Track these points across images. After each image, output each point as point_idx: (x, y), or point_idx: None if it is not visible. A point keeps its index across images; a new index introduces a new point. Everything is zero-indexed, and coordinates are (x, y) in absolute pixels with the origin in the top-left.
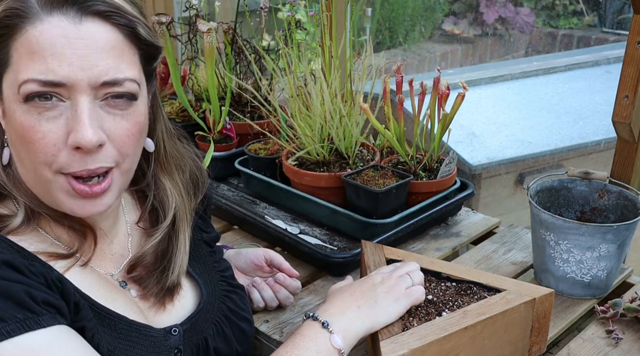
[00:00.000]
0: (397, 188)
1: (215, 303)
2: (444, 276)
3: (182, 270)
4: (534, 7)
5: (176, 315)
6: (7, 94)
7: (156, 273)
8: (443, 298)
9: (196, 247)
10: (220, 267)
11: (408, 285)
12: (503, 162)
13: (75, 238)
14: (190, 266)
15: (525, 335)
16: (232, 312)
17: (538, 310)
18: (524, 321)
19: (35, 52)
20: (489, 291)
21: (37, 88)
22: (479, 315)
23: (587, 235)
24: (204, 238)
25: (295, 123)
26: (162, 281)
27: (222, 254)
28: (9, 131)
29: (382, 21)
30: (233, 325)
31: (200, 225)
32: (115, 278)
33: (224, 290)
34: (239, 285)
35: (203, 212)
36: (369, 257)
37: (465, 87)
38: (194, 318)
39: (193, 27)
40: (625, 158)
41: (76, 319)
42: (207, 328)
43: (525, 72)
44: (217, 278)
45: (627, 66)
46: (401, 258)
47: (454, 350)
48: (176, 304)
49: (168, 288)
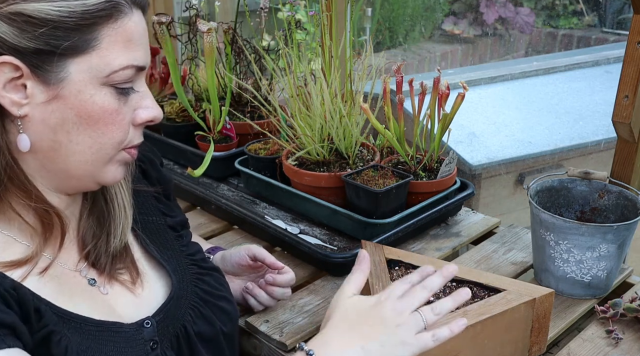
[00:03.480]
0: (397, 188)
1: (188, 288)
2: None
3: (126, 229)
4: (534, 7)
5: (149, 306)
6: (77, 78)
7: (101, 243)
8: None
9: (160, 232)
10: (189, 250)
11: (419, 329)
12: (503, 162)
13: (40, 230)
14: (157, 253)
15: (526, 334)
16: (207, 294)
17: (538, 310)
18: (524, 321)
19: (131, 41)
20: (489, 291)
21: (132, 73)
22: (479, 315)
23: (587, 235)
24: (167, 222)
25: (295, 123)
26: (110, 249)
27: (190, 237)
28: (67, 115)
29: (382, 21)
30: (211, 305)
31: (163, 210)
32: (84, 274)
33: (195, 273)
34: (213, 267)
35: (163, 196)
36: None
37: (465, 87)
38: (166, 308)
39: (193, 27)
40: (625, 158)
41: (40, 326)
42: (184, 315)
43: (525, 72)
44: (187, 262)
45: (627, 66)
46: (401, 258)
47: (454, 350)
48: (147, 294)
49: (120, 254)
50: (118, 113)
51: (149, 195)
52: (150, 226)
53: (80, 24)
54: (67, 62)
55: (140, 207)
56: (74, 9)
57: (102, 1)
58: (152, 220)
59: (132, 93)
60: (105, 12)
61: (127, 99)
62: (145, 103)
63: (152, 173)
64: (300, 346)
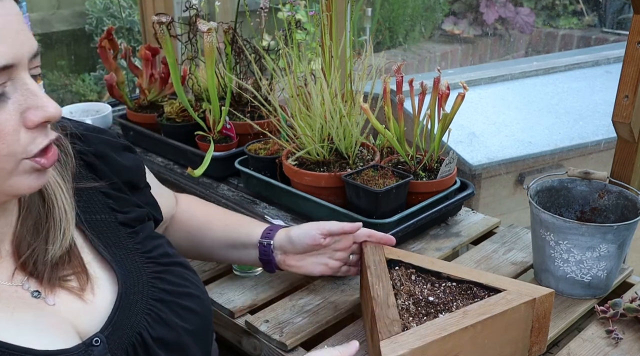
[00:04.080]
0: (397, 188)
1: (143, 291)
2: (444, 276)
3: (67, 233)
4: (534, 7)
5: (104, 311)
6: None
7: (38, 250)
8: (444, 299)
9: (111, 231)
10: (145, 247)
11: None
12: (503, 162)
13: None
14: (108, 254)
15: (526, 334)
16: (168, 293)
17: (538, 310)
18: (524, 321)
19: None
20: (489, 291)
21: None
22: (479, 315)
23: (587, 235)
24: (119, 219)
25: (295, 123)
26: (48, 255)
27: (149, 230)
28: None
29: (382, 21)
30: (172, 305)
31: (112, 205)
32: (26, 287)
33: (153, 271)
34: (175, 262)
35: (113, 189)
36: (369, 257)
37: (465, 87)
38: (114, 320)
39: (193, 27)
40: (625, 158)
41: None
42: (139, 321)
43: (525, 72)
44: (142, 262)
45: (627, 66)
46: (401, 258)
47: (454, 350)
48: (99, 300)
49: (62, 259)
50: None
51: (95, 191)
52: (98, 225)
53: None
54: None
55: (85, 205)
56: None
57: None
58: (99, 218)
59: (8, 97)
60: None
61: (5, 106)
62: (35, 102)
63: (104, 167)
64: None
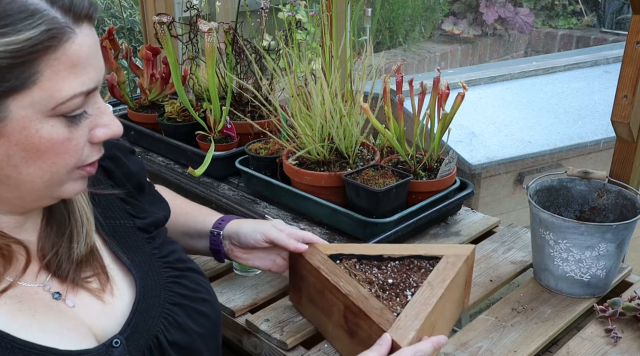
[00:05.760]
0: (397, 187)
1: (160, 295)
2: (386, 257)
3: (90, 232)
4: (534, 8)
5: (122, 314)
6: (20, 115)
7: (63, 250)
8: (400, 278)
9: (129, 236)
10: (162, 252)
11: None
12: (503, 162)
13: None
14: (126, 259)
15: (462, 291)
16: (184, 297)
17: (469, 266)
18: (463, 278)
19: (77, 65)
20: (429, 260)
21: (81, 101)
22: (441, 282)
23: (586, 235)
24: (137, 225)
25: (296, 123)
26: (72, 255)
27: (164, 235)
28: (12, 151)
29: (382, 21)
30: (188, 310)
31: (131, 211)
32: (48, 288)
33: (170, 276)
34: (190, 267)
35: (129, 197)
36: (313, 258)
37: (465, 87)
38: (132, 322)
39: (194, 27)
40: (624, 158)
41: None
42: (156, 325)
43: (525, 72)
44: (160, 266)
45: (626, 66)
46: (339, 251)
47: (435, 321)
48: (118, 302)
49: (86, 259)
50: (70, 140)
51: (113, 197)
52: (117, 230)
53: (14, 63)
54: (7, 102)
55: (103, 210)
56: (5, 47)
57: (36, 35)
58: (119, 223)
59: (84, 118)
60: (42, 45)
61: (80, 124)
62: (102, 120)
63: (117, 171)
64: None
